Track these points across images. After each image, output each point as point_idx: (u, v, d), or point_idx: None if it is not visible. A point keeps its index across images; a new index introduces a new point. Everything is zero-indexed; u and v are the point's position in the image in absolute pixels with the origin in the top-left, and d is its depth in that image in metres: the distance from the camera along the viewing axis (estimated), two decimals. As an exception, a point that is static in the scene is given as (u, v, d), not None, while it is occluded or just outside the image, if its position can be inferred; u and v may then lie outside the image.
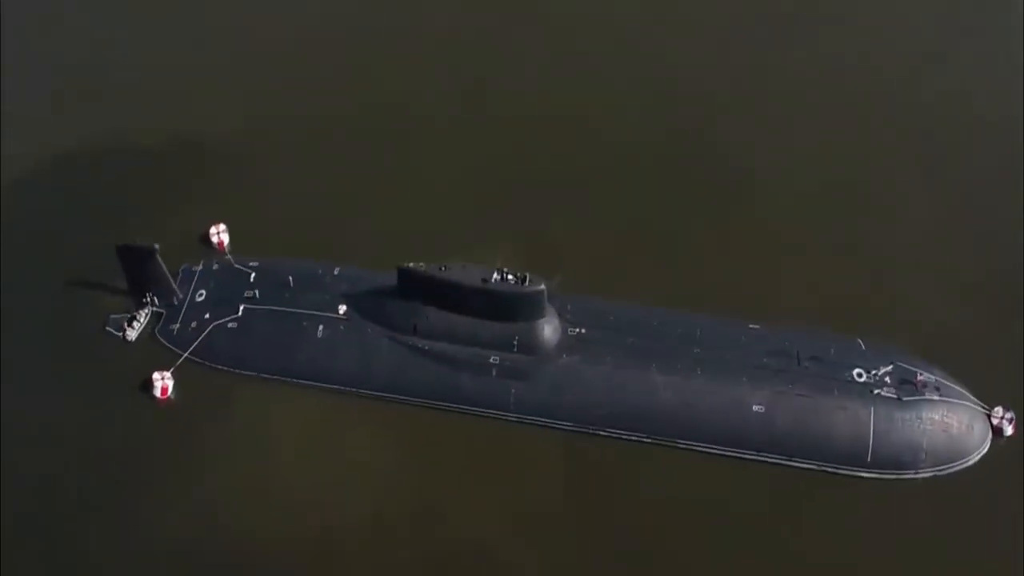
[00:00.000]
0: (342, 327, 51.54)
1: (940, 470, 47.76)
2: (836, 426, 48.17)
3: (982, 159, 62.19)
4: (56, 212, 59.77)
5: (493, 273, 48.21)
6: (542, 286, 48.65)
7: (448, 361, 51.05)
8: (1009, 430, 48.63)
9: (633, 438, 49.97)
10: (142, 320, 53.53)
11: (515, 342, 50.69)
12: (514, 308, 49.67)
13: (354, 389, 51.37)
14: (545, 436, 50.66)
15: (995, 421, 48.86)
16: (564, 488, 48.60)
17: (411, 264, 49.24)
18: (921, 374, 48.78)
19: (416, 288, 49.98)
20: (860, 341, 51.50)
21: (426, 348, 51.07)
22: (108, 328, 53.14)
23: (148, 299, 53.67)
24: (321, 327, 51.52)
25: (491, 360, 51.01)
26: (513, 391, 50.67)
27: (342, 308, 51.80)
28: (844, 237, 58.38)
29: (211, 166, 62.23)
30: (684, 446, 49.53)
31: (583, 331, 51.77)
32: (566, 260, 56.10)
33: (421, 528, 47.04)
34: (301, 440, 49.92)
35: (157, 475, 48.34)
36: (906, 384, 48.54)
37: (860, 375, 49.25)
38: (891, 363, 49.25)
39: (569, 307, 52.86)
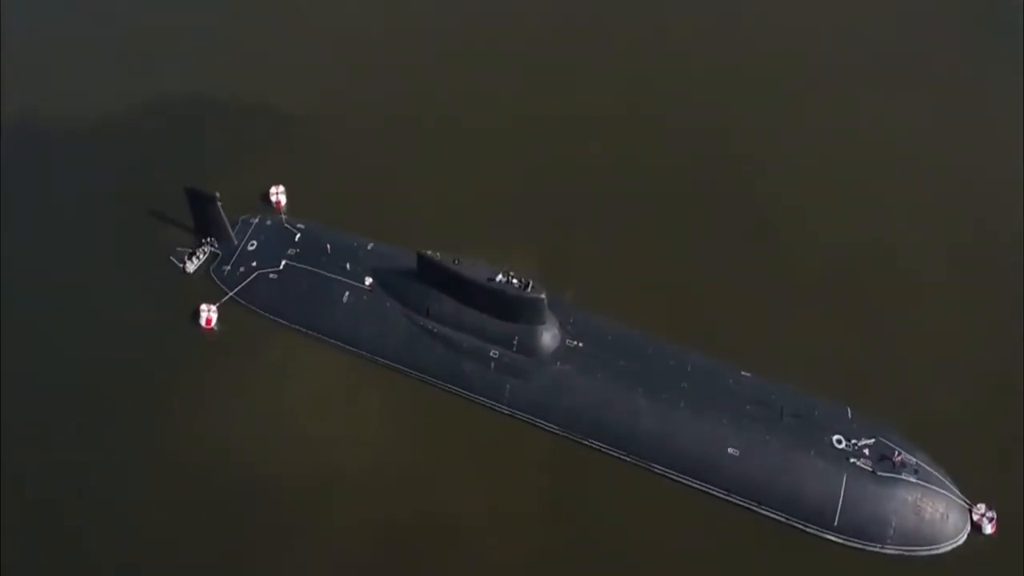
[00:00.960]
0: (365, 297, 56.47)
1: (907, 550, 47.72)
2: (807, 484, 48.80)
3: (1010, 252, 61.19)
4: (152, 154, 67.95)
5: (499, 274, 51.47)
6: (542, 295, 51.41)
7: (453, 347, 54.89)
8: (989, 528, 48.02)
9: (613, 453, 52.25)
10: (200, 257, 60.87)
11: (515, 341, 53.88)
12: (516, 310, 52.71)
13: (369, 355, 56.19)
14: (533, 434, 53.87)
15: (975, 517, 48.24)
16: (541, 484, 51.60)
17: (429, 252, 53.16)
18: (901, 453, 48.59)
19: (432, 274, 53.94)
20: (849, 409, 51.61)
21: (435, 331, 55.14)
22: (172, 258, 60.81)
23: (208, 240, 61.11)
24: (347, 293, 56.66)
25: (491, 354, 54.44)
26: (508, 386, 53.98)
27: (368, 280, 56.87)
28: (857, 304, 58.36)
29: (283, 134, 68.74)
30: (659, 471, 51.46)
31: (580, 344, 54.36)
32: (583, 276, 59.27)
33: (407, 486, 51.57)
34: (316, 389, 55.54)
35: (185, 394, 55.10)
36: (885, 460, 48.52)
37: (840, 441, 49.57)
38: (874, 437, 49.37)
39: (572, 320, 55.46)
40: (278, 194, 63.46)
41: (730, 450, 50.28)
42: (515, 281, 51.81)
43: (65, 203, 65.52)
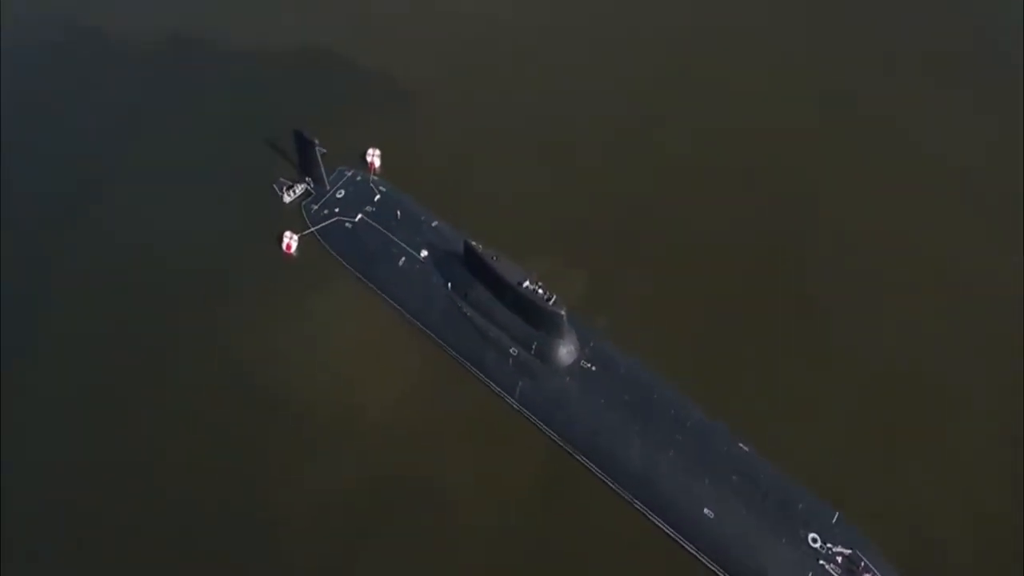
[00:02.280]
0: (417, 266, 63.17)
1: None
2: (770, 570, 49.28)
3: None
4: (287, 97, 77.90)
5: (526, 281, 55.69)
6: (562, 311, 54.90)
7: (481, 334, 59.48)
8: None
9: (599, 476, 54.46)
10: (297, 192, 70.24)
11: (534, 346, 57.55)
12: (538, 317, 56.54)
13: (410, 317, 62.56)
14: (534, 434, 56.96)
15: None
16: (527, 478, 54.78)
17: (475, 243, 58.29)
18: (869, 570, 48.04)
19: (474, 264, 59.40)
20: (837, 513, 50.86)
21: (469, 315, 60.31)
22: (274, 186, 70.56)
23: (307, 179, 70.64)
24: (403, 259, 63.67)
25: (511, 351, 58.36)
26: (520, 384, 57.69)
27: (423, 252, 63.62)
28: (884, 415, 57.06)
29: (394, 103, 76.73)
30: (639, 506, 53.16)
31: (593, 368, 56.84)
32: (623, 307, 61.60)
33: (411, 442, 56.80)
34: (359, 333, 62.68)
35: (250, 302, 64.07)
36: (851, 573, 48.37)
37: (815, 540, 49.54)
38: (852, 548, 48.93)
39: (592, 344, 57.97)
40: (374, 156, 71.63)
41: (706, 510, 51.41)
42: (541, 291, 55.62)
43: (208, 121, 76.77)
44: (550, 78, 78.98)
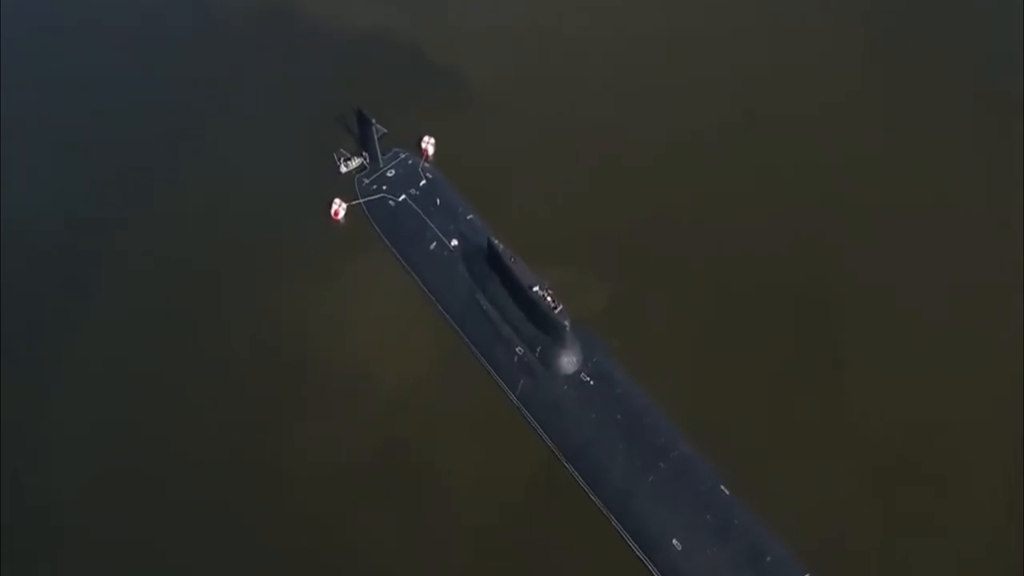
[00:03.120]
0: (446, 253, 67.15)
1: None
2: None
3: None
4: (362, 75, 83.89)
5: (536, 286, 58.17)
6: (566, 322, 57.07)
7: (493, 328, 62.56)
8: None
9: (583, 486, 56.16)
10: (353, 164, 75.61)
11: (538, 349, 59.93)
12: (544, 323, 59.03)
13: (433, 298, 66.50)
14: (528, 433, 59.11)
15: None
16: (514, 475, 56.79)
17: (497, 241, 61.56)
18: None
19: (495, 261, 62.70)
20: (808, 575, 50.31)
21: (484, 308, 63.60)
22: (334, 155, 76.11)
23: (363, 154, 76.02)
24: (434, 244, 67.79)
25: (517, 350, 61.02)
26: (521, 383, 60.33)
27: (454, 242, 67.58)
28: (882, 492, 55.06)
29: (459, 96, 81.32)
30: (615, 524, 54.54)
31: (592, 383, 58.68)
32: (637, 330, 62.27)
33: (410, 416, 60.14)
34: (384, 303, 67.09)
35: (291, 257, 69.55)
36: None
37: None
38: None
39: (595, 359, 59.56)
40: (428, 144, 76.29)
41: (674, 541, 52.34)
42: (549, 299, 58.00)
43: (289, 89, 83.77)
44: (612, 94, 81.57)
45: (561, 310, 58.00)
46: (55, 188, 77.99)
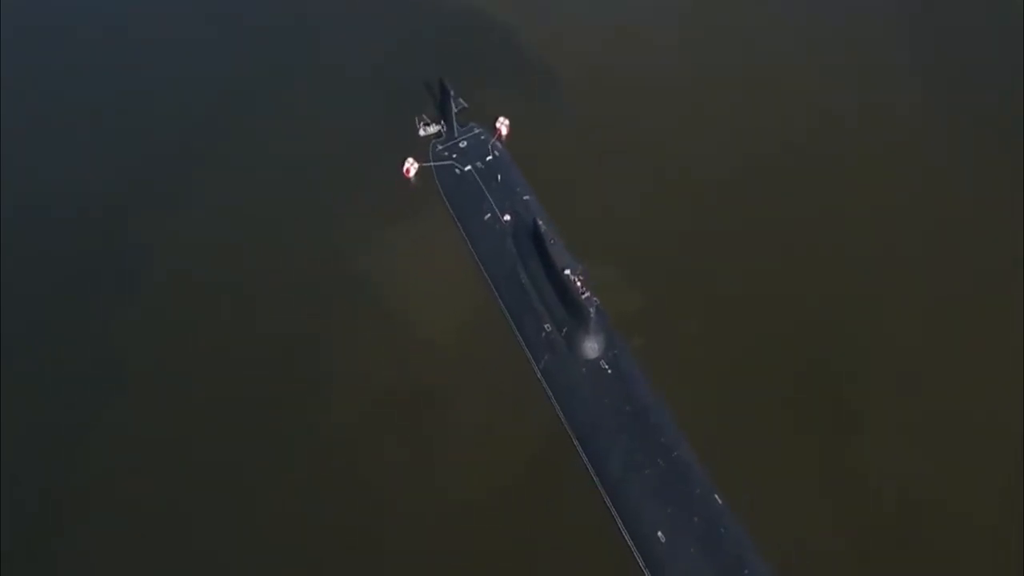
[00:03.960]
0: (498, 226, 72.85)
1: None
2: None
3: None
4: (452, 47, 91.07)
5: (568, 270, 62.37)
6: (592, 308, 60.72)
7: (528, 303, 66.92)
8: None
9: (587, 464, 58.95)
10: (430, 130, 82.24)
11: (564, 330, 63.76)
12: (572, 306, 62.91)
13: (480, 264, 71.96)
14: (545, 405, 62.27)
15: None
16: (527, 440, 60.05)
17: (541, 222, 66.62)
18: None
19: (537, 239, 67.69)
20: None
21: (523, 283, 68.37)
22: (416, 118, 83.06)
23: (441, 122, 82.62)
24: (489, 215, 73.62)
25: (545, 326, 65.12)
26: (546, 358, 64.14)
27: (507, 217, 73.20)
28: (882, 539, 54.81)
29: (543, 84, 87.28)
30: (607, 502, 56.89)
31: (609, 371, 62.10)
32: (665, 336, 64.37)
33: (441, 367, 64.55)
34: (435, 260, 72.98)
35: (359, 204, 76.54)
36: None
37: None
38: None
39: (617, 351, 62.86)
40: (503, 124, 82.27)
41: (659, 533, 54.62)
42: (579, 284, 61.82)
43: (386, 52, 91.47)
44: (688, 118, 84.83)
45: (589, 296, 61.85)
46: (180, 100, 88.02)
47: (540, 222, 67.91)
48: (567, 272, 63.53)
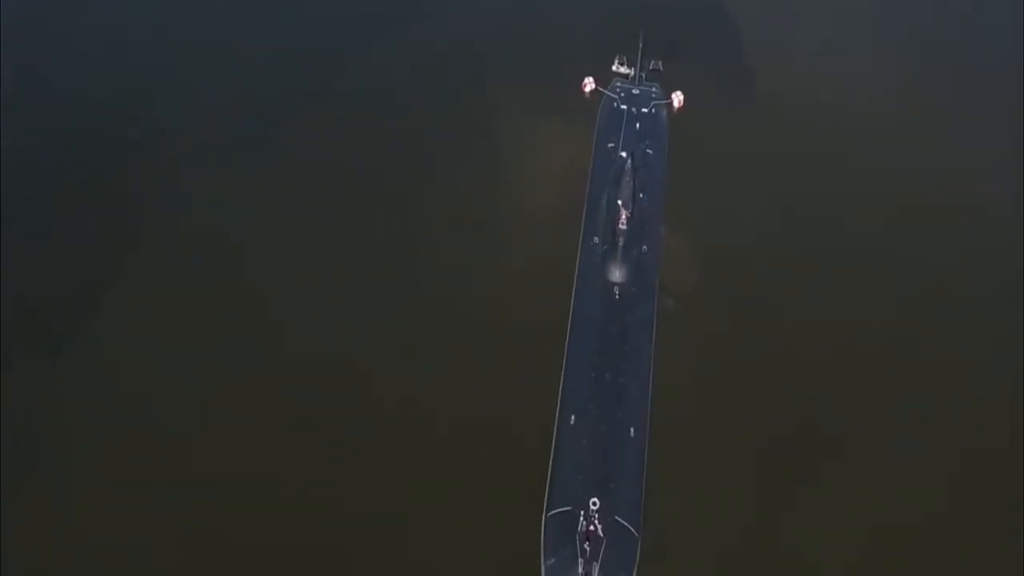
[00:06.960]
0: (615, 156, 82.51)
1: None
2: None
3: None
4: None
5: (622, 201, 73.11)
6: (621, 235, 70.72)
7: (600, 218, 76.73)
8: None
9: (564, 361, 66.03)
10: (623, 70, 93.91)
11: (604, 248, 72.86)
12: (613, 229, 72.12)
13: (589, 184, 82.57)
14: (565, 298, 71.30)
15: None
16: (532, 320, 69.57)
17: (630, 164, 77.72)
18: None
19: (621, 171, 78.52)
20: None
21: (605, 202, 77.85)
22: (616, 56, 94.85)
23: (631, 68, 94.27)
24: (612, 144, 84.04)
25: (595, 239, 74.81)
26: (582, 261, 74.45)
27: (624, 154, 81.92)
28: None
29: (742, 73, 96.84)
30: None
31: (617, 299, 69.84)
32: (687, 327, 70.02)
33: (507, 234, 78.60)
34: (560, 157, 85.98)
35: (526, 98, 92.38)
36: None
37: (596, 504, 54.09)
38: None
39: (635, 290, 70.32)
40: (677, 98, 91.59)
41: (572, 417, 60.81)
42: (625, 214, 71.57)
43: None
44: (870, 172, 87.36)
45: (625, 227, 71.26)
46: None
47: (630, 163, 78.44)
48: (620, 201, 73.86)
